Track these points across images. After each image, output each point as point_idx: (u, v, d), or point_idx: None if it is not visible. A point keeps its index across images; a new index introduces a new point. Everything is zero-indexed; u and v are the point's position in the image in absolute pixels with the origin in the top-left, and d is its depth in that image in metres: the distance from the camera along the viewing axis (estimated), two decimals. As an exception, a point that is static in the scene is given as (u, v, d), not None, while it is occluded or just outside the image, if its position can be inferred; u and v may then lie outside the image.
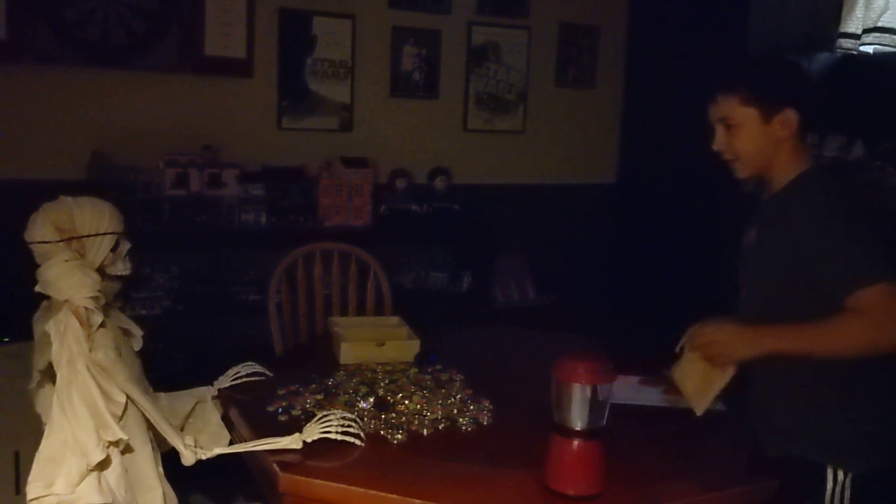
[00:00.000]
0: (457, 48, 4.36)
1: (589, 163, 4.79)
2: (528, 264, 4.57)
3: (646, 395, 2.23)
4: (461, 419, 2.02)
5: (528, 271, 4.56)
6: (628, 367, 2.37)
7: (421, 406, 2.08)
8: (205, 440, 2.00)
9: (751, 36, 3.79)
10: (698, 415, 1.90)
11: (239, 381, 2.22)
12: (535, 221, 4.56)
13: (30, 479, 1.68)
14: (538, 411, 2.15)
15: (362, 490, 1.67)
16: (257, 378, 2.25)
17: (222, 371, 2.26)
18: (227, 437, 2.04)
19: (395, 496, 1.65)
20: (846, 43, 3.39)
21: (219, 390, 2.19)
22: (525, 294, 4.51)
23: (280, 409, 2.04)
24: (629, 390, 2.25)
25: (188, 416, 2.11)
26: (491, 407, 2.10)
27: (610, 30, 4.73)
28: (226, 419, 2.11)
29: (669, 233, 4.27)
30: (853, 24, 3.36)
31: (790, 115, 1.83)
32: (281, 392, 2.14)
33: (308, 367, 2.35)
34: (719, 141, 1.90)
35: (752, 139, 1.86)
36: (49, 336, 1.77)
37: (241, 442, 1.92)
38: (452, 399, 2.14)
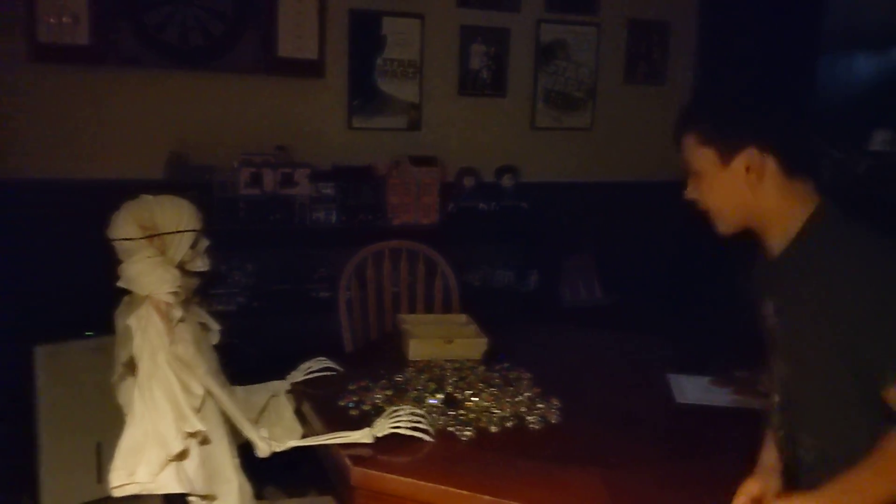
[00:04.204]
0: (525, 46, 4.35)
1: (658, 160, 4.69)
2: (596, 262, 4.52)
3: (715, 396, 2.20)
4: (529, 417, 2.03)
5: (595, 270, 4.52)
6: (698, 368, 2.35)
7: (489, 403, 2.09)
8: (278, 433, 2.05)
9: (826, 27, 3.69)
10: None
11: (311, 376, 2.26)
12: (604, 219, 4.51)
13: (112, 467, 1.74)
14: (607, 411, 2.15)
15: (433, 485, 1.69)
16: (328, 373, 2.29)
17: (295, 366, 2.31)
18: (300, 430, 2.09)
19: (465, 492, 1.66)
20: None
21: (292, 384, 2.24)
22: (592, 293, 4.47)
23: (351, 404, 2.08)
24: (699, 391, 2.23)
25: (263, 409, 2.17)
26: (559, 406, 2.10)
27: (680, 25, 4.65)
28: (298, 413, 2.16)
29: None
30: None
31: (752, 155, 1.50)
32: (351, 387, 2.17)
33: (377, 364, 2.38)
34: (689, 190, 1.64)
35: (715, 187, 1.57)
36: (131, 330, 1.83)
37: (313, 435, 1.96)
38: (520, 397, 2.14)
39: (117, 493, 1.72)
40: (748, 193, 1.53)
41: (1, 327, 3.00)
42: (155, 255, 1.88)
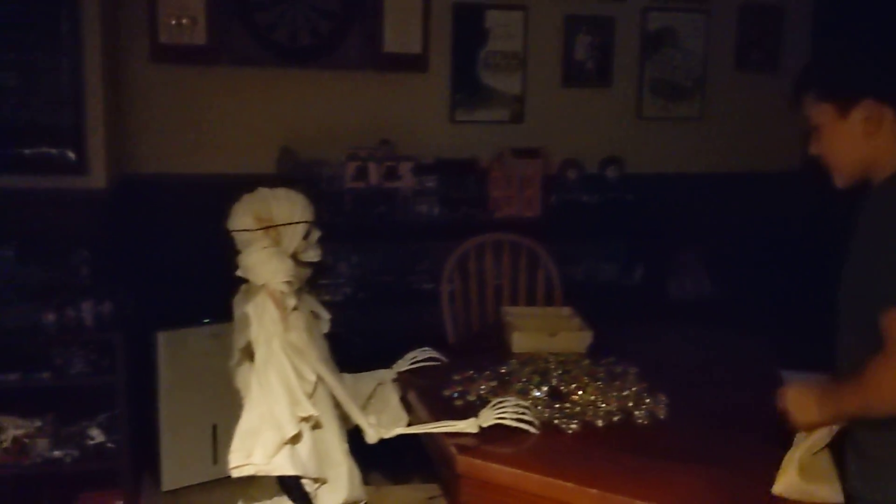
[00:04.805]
0: (631, 35, 4.26)
1: (771, 149, 4.54)
2: (705, 256, 4.40)
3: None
4: (637, 412, 2.00)
5: (704, 264, 4.39)
6: (808, 366, 2.26)
7: (595, 397, 2.07)
8: (385, 420, 2.09)
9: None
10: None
11: (416, 366, 2.30)
12: (713, 211, 4.37)
13: (231, 448, 1.82)
14: (717, 408, 2.10)
15: (539, 476, 1.70)
16: (433, 363, 2.32)
17: (399, 355, 2.35)
18: (406, 418, 2.13)
19: (571, 484, 1.66)
20: None
21: (398, 373, 2.28)
22: (701, 288, 4.34)
23: (456, 394, 2.10)
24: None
25: (369, 397, 2.22)
26: (667, 401, 2.06)
27: (794, 10, 4.47)
28: (404, 401, 2.20)
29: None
30: None
31: (870, 107, 1.58)
32: (456, 378, 2.19)
33: (481, 355, 2.40)
34: (813, 146, 1.71)
35: (834, 139, 1.64)
36: (248, 317, 1.91)
37: (418, 424, 1.99)
38: (627, 392, 2.12)
39: (235, 474, 1.80)
40: (865, 144, 1.61)
41: (126, 315, 3.17)
42: (270, 245, 1.95)
